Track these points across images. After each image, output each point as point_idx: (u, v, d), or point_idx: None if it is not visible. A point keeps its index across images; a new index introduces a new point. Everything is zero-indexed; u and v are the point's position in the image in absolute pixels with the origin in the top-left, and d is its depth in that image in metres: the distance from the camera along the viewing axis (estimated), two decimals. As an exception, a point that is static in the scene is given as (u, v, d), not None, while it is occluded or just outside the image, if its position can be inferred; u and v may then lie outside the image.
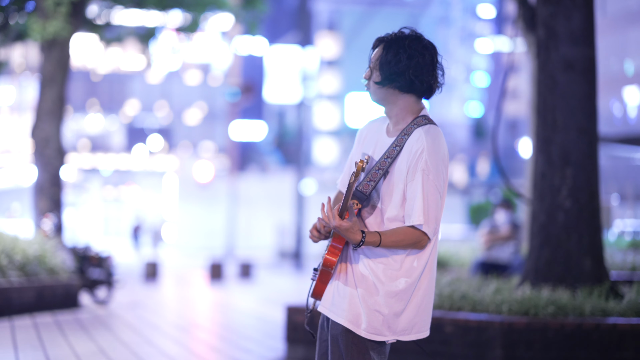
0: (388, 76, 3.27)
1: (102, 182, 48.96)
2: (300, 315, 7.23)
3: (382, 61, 3.28)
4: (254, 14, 19.04)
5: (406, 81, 3.26)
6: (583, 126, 6.90)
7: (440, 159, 3.22)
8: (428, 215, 3.18)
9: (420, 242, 3.22)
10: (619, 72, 40.89)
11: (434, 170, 3.20)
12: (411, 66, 3.25)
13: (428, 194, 3.19)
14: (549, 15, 7.00)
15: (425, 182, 3.19)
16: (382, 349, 3.28)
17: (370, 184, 3.26)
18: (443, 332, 6.29)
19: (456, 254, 14.25)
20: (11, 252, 10.62)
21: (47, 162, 14.45)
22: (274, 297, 14.46)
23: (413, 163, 3.20)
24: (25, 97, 47.72)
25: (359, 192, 3.27)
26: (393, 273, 3.23)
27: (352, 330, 3.23)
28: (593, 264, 6.76)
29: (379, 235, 3.20)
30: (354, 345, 3.23)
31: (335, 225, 3.18)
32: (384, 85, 3.29)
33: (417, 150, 3.21)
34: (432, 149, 3.21)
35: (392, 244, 3.21)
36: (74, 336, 8.65)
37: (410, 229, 3.21)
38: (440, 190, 3.22)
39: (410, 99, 3.30)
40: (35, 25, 14.36)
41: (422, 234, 3.20)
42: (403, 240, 3.20)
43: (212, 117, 53.17)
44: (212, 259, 19.69)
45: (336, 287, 3.29)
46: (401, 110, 3.31)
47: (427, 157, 3.19)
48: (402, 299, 3.23)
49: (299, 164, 28.27)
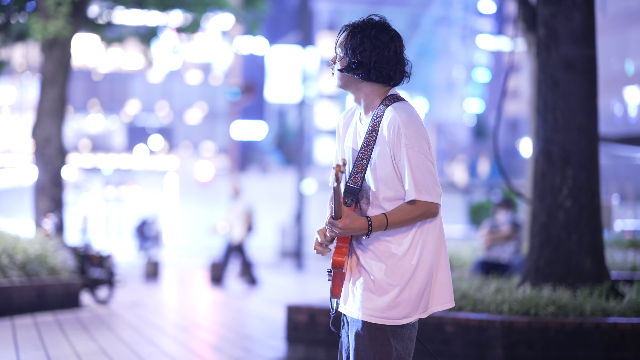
0: (350, 63, 3.28)
1: (103, 182, 48.97)
2: (301, 315, 7.24)
3: (346, 48, 3.30)
4: (254, 14, 19.05)
5: (367, 71, 3.27)
6: (583, 126, 6.91)
7: (418, 129, 3.22)
8: (420, 186, 3.18)
9: (428, 211, 3.22)
10: (619, 72, 40.88)
11: (415, 140, 3.20)
12: (373, 57, 3.26)
13: (418, 165, 3.18)
14: (550, 15, 7.00)
15: (411, 155, 3.19)
16: (406, 333, 3.26)
17: (359, 176, 3.26)
18: (444, 331, 6.29)
19: (457, 253, 14.23)
20: (12, 252, 10.63)
21: (48, 161, 14.45)
22: (275, 296, 14.46)
23: (395, 142, 3.21)
24: (26, 97, 47.73)
25: (350, 187, 3.27)
26: (399, 256, 3.22)
27: (371, 324, 3.22)
28: (593, 263, 6.77)
29: (384, 216, 3.20)
30: (376, 338, 3.22)
31: (340, 227, 3.19)
32: (346, 72, 3.30)
33: (393, 128, 3.21)
34: (407, 121, 3.21)
35: (401, 220, 3.20)
36: (74, 336, 8.66)
37: (411, 204, 3.20)
38: (428, 156, 3.21)
39: (373, 85, 3.31)
40: (36, 25, 14.37)
41: (426, 204, 3.20)
42: (409, 214, 3.20)
43: (212, 117, 53.18)
44: (212, 259, 19.69)
45: (351, 284, 3.29)
46: (367, 95, 3.32)
47: (405, 130, 3.19)
48: (413, 277, 3.21)
49: (299, 164, 28.26)
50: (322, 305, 7.23)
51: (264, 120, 56.66)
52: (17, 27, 16.85)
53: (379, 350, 3.22)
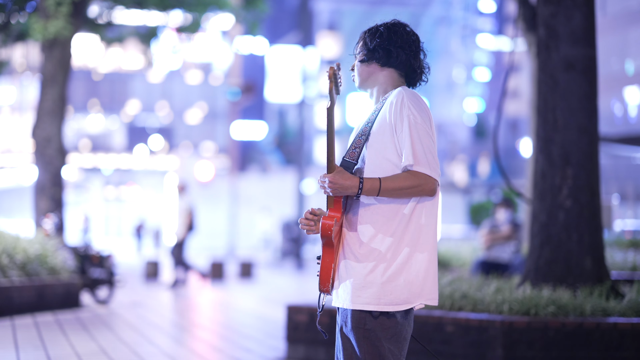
0: (370, 50, 3.31)
1: (103, 182, 48.97)
2: (301, 315, 7.24)
3: (365, 42, 3.34)
4: (254, 14, 19.06)
5: (386, 52, 3.29)
6: (584, 126, 6.91)
7: (423, 107, 3.20)
8: (419, 156, 3.12)
9: (425, 185, 3.14)
10: (619, 72, 40.88)
11: (418, 114, 3.17)
12: (393, 38, 3.29)
13: (419, 136, 3.14)
14: (550, 15, 7.00)
15: (412, 126, 3.15)
16: (397, 328, 3.18)
17: (356, 151, 3.24)
18: (444, 331, 6.29)
19: (457, 253, 14.25)
20: (12, 252, 10.63)
21: (48, 161, 14.46)
22: (275, 296, 14.46)
23: (397, 113, 3.18)
24: (26, 97, 47.75)
25: (346, 160, 3.24)
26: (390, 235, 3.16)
27: (362, 318, 3.15)
28: (594, 263, 6.77)
29: (378, 180, 3.14)
30: (365, 338, 3.16)
31: (331, 180, 3.14)
32: (366, 61, 3.32)
33: (397, 101, 3.19)
34: (412, 97, 3.20)
35: (394, 187, 3.13)
36: (74, 335, 8.66)
37: (408, 173, 3.14)
38: (429, 132, 3.17)
39: (390, 73, 3.32)
40: (36, 25, 14.37)
41: (424, 176, 3.13)
42: (405, 182, 3.13)
43: (212, 117, 53.21)
44: (212, 259, 19.69)
45: (339, 274, 3.23)
46: (382, 85, 3.33)
47: (409, 103, 3.18)
48: (407, 263, 3.15)
49: (299, 164, 28.28)
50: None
51: (264, 120, 56.68)
52: (17, 27, 16.85)
53: (367, 349, 3.16)
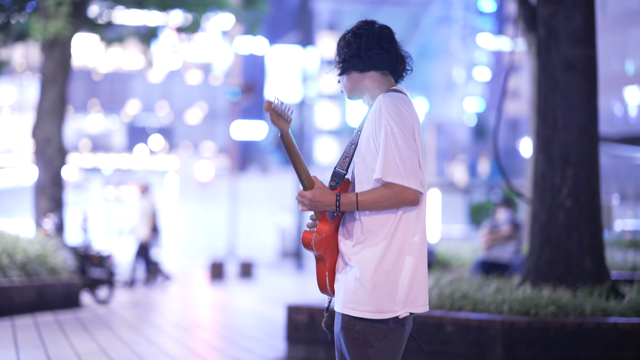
0: (344, 61, 3.28)
1: (103, 182, 48.97)
2: (301, 315, 7.24)
3: (338, 51, 3.31)
4: (254, 14, 19.05)
5: (360, 58, 3.26)
6: (584, 126, 6.91)
7: (401, 114, 3.16)
8: (390, 167, 3.09)
9: (402, 195, 3.11)
10: (619, 72, 40.88)
11: (395, 124, 3.14)
12: (362, 43, 3.25)
13: (394, 146, 3.11)
14: (550, 15, 7.00)
15: (389, 136, 3.13)
16: (389, 332, 3.16)
17: (346, 160, 3.24)
18: (444, 331, 6.29)
19: (457, 253, 14.25)
20: (12, 252, 10.63)
21: (48, 161, 14.45)
22: (275, 296, 14.46)
23: (376, 123, 3.16)
24: (26, 97, 47.74)
25: (337, 171, 3.24)
26: (375, 245, 3.14)
27: (352, 321, 3.15)
28: (594, 263, 6.77)
29: (355, 195, 3.13)
30: (354, 339, 3.15)
31: (309, 197, 3.14)
32: (345, 72, 3.30)
33: (377, 110, 3.18)
34: (390, 104, 3.17)
35: (371, 201, 3.11)
36: (74, 335, 8.65)
37: (384, 186, 3.12)
38: (407, 140, 3.13)
39: (373, 77, 3.29)
40: (36, 25, 14.37)
41: (400, 188, 3.10)
42: (380, 196, 3.11)
43: (213, 117, 53.20)
44: (212, 259, 19.69)
45: (336, 278, 3.24)
46: (370, 91, 3.30)
47: (386, 112, 3.15)
48: (392, 271, 3.13)
49: (299, 164, 28.23)
50: (322, 306, 7.23)
51: (264, 120, 56.65)
52: (17, 27, 16.85)
53: (357, 351, 3.15)
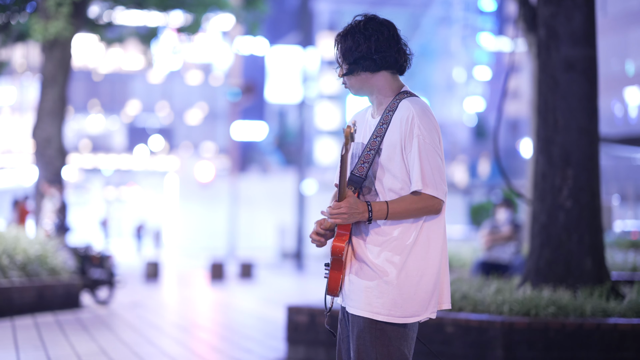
0: (353, 62, 3.27)
1: (103, 182, 48.98)
2: (301, 315, 7.24)
3: (344, 52, 3.29)
4: (255, 15, 19.07)
5: (372, 60, 3.25)
6: (584, 126, 6.90)
7: (431, 123, 3.21)
8: (427, 178, 3.14)
9: (431, 206, 3.17)
10: (620, 72, 40.88)
11: (428, 134, 3.18)
12: (372, 45, 3.25)
13: (427, 157, 3.16)
14: (550, 15, 7.00)
15: (422, 146, 3.16)
16: (408, 333, 3.20)
17: (365, 166, 3.23)
18: (444, 332, 6.29)
19: (457, 254, 14.25)
20: (12, 252, 10.63)
21: (49, 162, 14.46)
22: (275, 297, 14.46)
23: (407, 132, 3.18)
24: (26, 97, 47.75)
25: (355, 176, 3.23)
26: (398, 253, 3.17)
27: (373, 323, 3.16)
28: (594, 264, 6.76)
29: (386, 204, 3.15)
30: (378, 338, 3.16)
31: (345, 208, 3.13)
32: (353, 73, 3.29)
33: (407, 118, 3.19)
34: (421, 113, 3.20)
35: (402, 210, 3.16)
36: (75, 336, 8.65)
37: (415, 195, 3.17)
38: (438, 151, 3.19)
39: (384, 76, 3.29)
40: (36, 25, 14.38)
41: (429, 197, 3.16)
42: (411, 205, 3.16)
43: (213, 117, 53.23)
44: (213, 259, 19.70)
45: (350, 281, 3.23)
46: (380, 90, 3.30)
47: (419, 122, 3.18)
48: (413, 276, 3.17)
49: (300, 164, 28.27)
50: (323, 306, 7.22)
51: (264, 120, 56.67)
52: (17, 27, 16.86)
53: (380, 350, 3.17)
